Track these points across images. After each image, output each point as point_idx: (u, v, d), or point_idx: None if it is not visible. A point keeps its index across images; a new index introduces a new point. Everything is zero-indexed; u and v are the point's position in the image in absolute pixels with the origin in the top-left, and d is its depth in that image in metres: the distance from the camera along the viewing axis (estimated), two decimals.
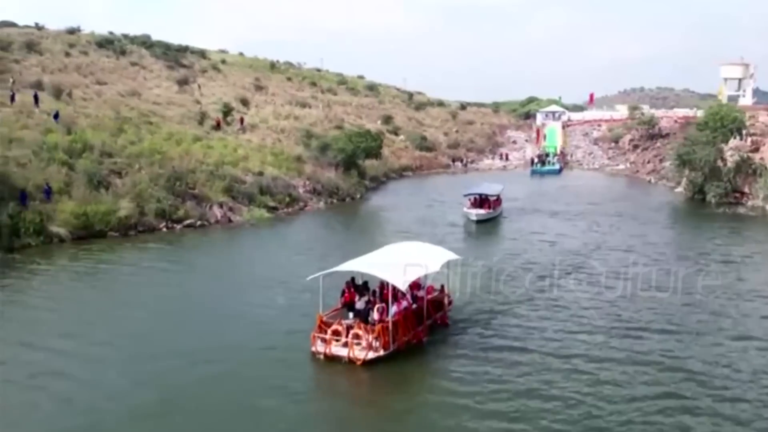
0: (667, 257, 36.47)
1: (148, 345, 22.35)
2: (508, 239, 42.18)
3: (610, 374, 20.15)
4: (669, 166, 70.20)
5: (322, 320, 21.78)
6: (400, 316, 21.79)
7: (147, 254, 36.75)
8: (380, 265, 22.61)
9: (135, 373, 19.99)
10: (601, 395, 18.70)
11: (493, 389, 19.08)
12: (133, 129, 53.81)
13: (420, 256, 24.07)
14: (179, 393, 18.78)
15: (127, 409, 17.79)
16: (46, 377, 19.76)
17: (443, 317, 24.68)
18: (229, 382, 19.38)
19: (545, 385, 19.38)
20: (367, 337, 20.94)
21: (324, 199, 55.14)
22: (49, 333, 23.48)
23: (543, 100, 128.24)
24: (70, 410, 17.83)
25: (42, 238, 37.19)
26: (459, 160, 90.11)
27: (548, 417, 17.45)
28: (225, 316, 25.54)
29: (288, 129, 70.60)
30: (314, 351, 21.31)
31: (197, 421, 17.41)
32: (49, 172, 41.24)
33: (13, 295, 28.23)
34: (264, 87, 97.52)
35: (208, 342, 22.61)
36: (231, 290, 29.38)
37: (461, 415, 17.55)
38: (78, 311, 26.51)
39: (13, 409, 17.98)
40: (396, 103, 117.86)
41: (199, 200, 45.43)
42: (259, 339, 22.83)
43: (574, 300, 27.99)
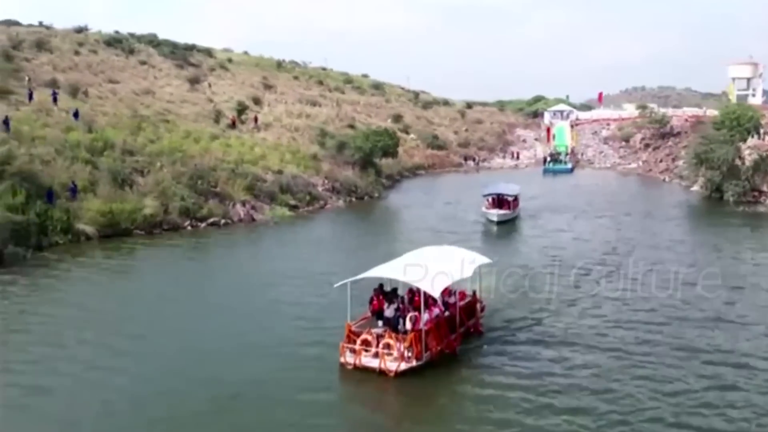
0: (695, 253, 36.69)
1: (174, 344, 22.38)
2: (532, 240, 41.38)
3: (664, 386, 19.12)
4: (683, 165, 70.23)
5: (351, 329, 20.80)
6: (432, 324, 20.75)
7: (174, 253, 36.80)
8: (410, 271, 21.39)
9: (166, 374, 20.00)
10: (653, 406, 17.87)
11: (533, 402, 18.10)
12: (150, 127, 53.88)
13: (451, 261, 23.16)
14: (197, 403, 18.02)
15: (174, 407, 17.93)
16: (102, 372, 19.84)
17: (476, 324, 23.64)
18: (254, 393, 18.59)
19: (587, 397, 18.41)
20: (398, 347, 19.89)
21: (343, 197, 55.15)
22: (94, 329, 23.44)
23: (550, 99, 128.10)
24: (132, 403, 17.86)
25: (69, 236, 37.13)
26: (471, 158, 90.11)
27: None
28: (252, 321, 24.78)
29: (302, 127, 70.55)
30: (343, 362, 20.25)
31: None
32: (73, 171, 41.23)
33: (51, 292, 28.30)
34: (272, 86, 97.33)
35: (233, 345, 22.12)
36: (258, 291, 28.64)
37: (498, 429, 16.75)
38: (113, 308, 26.47)
39: (85, 403, 18.16)
40: (402, 101, 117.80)
41: (222, 199, 45.39)
42: (286, 346, 22.02)
43: (609, 301, 27.33)
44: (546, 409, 17.68)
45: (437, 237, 38.71)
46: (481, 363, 21.07)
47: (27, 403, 17.98)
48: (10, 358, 20.94)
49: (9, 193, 36.23)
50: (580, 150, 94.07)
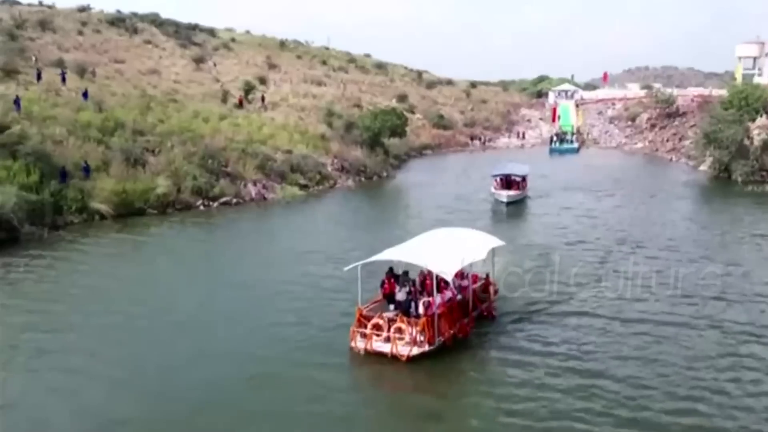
0: (710, 231, 37.07)
1: (179, 323, 22.44)
2: (542, 220, 40.75)
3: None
4: (690, 145, 70.19)
5: (362, 313, 20.32)
6: (444, 308, 20.36)
7: (187, 231, 36.99)
8: (422, 254, 20.95)
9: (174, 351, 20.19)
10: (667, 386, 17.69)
11: (548, 387, 17.68)
12: (159, 107, 53.81)
13: (463, 244, 22.75)
14: (208, 388, 17.69)
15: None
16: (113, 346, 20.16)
17: (489, 308, 23.06)
18: (261, 378, 18.21)
19: (604, 380, 18.00)
20: (410, 331, 19.42)
21: (352, 177, 55.17)
22: (113, 303, 23.72)
23: (554, 78, 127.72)
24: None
25: (84, 215, 37.25)
26: (477, 138, 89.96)
27: (609, 419, 16.16)
28: (262, 301, 24.52)
29: (308, 107, 70.38)
30: (353, 347, 19.85)
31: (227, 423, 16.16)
32: (85, 150, 41.20)
33: (70, 270, 28.53)
34: (276, 65, 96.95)
35: (240, 327, 21.92)
36: (271, 270, 28.55)
37: (511, 415, 16.37)
38: (129, 286, 26.72)
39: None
40: (406, 81, 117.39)
41: (233, 178, 45.44)
42: (294, 328, 21.75)
43: (624, 281, 26.86)
44: (561, 393, 17.32)
45: (447, 217, 39.25)
46: (495, 347, 20.57)
47: (69, 365, 18.68)
48: (41, 327, 21.26)
49: (23, 172, 36.27)
50: (585, 130, 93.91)
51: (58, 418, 16.15)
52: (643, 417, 16.19)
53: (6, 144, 37.21)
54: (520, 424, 15.96)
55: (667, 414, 16.32)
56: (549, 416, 16.22)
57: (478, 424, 16.20)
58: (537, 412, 16.44)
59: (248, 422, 16.08)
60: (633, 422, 15.95)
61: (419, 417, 16.71)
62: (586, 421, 15.98)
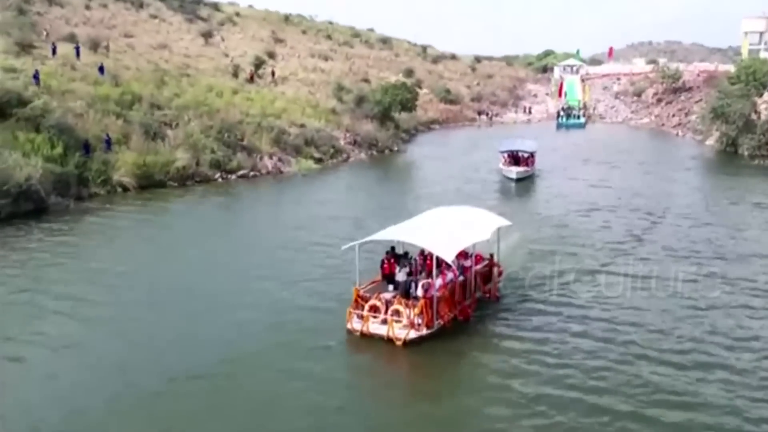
0: (720, 203, 38.13)
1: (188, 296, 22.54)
2: (552, 198, 39.76)
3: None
4: (696, 120, 70.85)
5: (359, 294, 19.59)
6: (445, 289, 19.43)
7: (208, 203, 37.84)
8: (423, 234, 20.27)
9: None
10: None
11: (551, 372, 17.00)
12: (173, 81, 54.29)
13: (467, 223, 21.84)
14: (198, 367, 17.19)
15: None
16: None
17: (493, 290, 22.11)
18: (253, 359, 17.67)
19: (610, 368, 17.18)
20: (408, 313, 18.64)
21: (365, 150, 55.96)
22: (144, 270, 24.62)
23: (559, 53, 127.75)
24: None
25: (107, 187, 38.05)
26: (484, 113, 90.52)
27: (612, 405, 15.48)
28: (269, 277, 24.13)
29: (317, 82, 70.89)
30: (350, 328, 19.12)
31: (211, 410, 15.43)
32: (105, 124, 41.83)
33: (99, 238, 29.53)
34: (282, 40, 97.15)
35: (241, 300, 21.80)
36: (285, 244, 28.47)
37: (513, 401, 15.69)
38: (153, 254, 27.63)
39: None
40: (411, 56, 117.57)
41: (249, 151, 46.17)
42: (293, 307, 21.20)
43: (637, 262, 26.05)
44: (565, 380, 16.55)
45: (457, 192, 40.19)
46: (497, 331, 19.73)
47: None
48: (76, 295, 22.10)
49: (47, 145, 36.94)
50: (591, 105, 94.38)
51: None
52: (644, 413, 15.23)
53: (29, 117, 37.83)
54: (517, 410, 15.31)
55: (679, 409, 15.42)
56: (548, 402, 15.57)
57: (473, 407, 15.59)
58: (536, 397, 15.79)
59: (222, 408, 15.47)
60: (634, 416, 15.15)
61: (413, 401, 16.22)
62: (587, 408, 15.33)
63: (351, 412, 15.59)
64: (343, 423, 15.02)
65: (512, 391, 16.08)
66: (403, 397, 16.67)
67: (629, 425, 14.64)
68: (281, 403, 15.68)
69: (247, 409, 15.34)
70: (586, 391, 16.03)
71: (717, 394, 15.89)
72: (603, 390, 16.11)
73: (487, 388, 16.37)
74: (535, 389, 16.12)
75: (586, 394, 15.89)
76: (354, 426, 15.02)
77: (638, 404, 15.47)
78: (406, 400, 16.46)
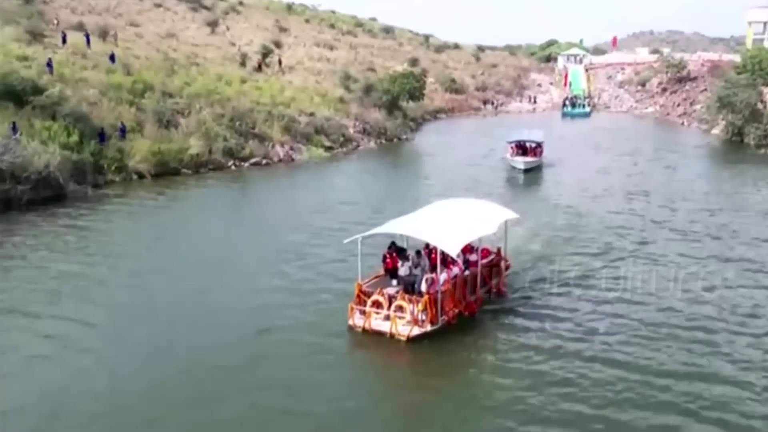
0: (732, 189, 38.85)
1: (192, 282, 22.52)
2: (561, 189, 38.89)
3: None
4: (701, 109, 71.18)
5: (361, 289, 19.03)
6: (449, 284, 18.79)
7: (223, 191, 38.24)
8: (428, 227, 19.67)
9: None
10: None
11: (559, 373, 16.24)
12: (183, 70, 54.53)
13: (473, 216, 21.17)
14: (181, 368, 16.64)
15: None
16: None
17: (500, 285, 21.39)
18: (250, 352, 17.28)
19: (624, 368, 16.47)
20: (411, 309, 18.10)
21: (374, 139, 56.34)
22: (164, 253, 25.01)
23: (562, 43, 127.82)
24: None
25: (123, 174, 38.40)
26: (489, 102, 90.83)
27: (624, 404, 14.92)
28: (280, 262, 24.22)
29: (324, 71, 71.13)
30: (351, 324, 18.56)
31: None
32: (119, 112, 42.12)
33: (120, 224, 30.01)
34: (286, 29, 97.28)
35: (244, 289, 21.64)
36: (297, 233, 28.14)
37: (521, 400, 15.10)
38: (171, 237, 27.99)
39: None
40: (414, 45, 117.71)
41: (261, 139, 46.52)
42: (295, 298, 20.77)
43: (649, 256, 25.36)
44: (577, 381, 15.89)
45: (465, 181, 40.48)
46: (503, 327, 19.04)
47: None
48: (104, 278, 22.54)
49: (63, 133, 37.23)
50: (595, 94, 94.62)
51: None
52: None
53: (45, 105, 38.10)
54: (526, 408, 14.78)
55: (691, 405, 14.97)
56: (559, 402, 15.00)
57: (479, 405, 15.10)
58: (545, 396, 15.19)
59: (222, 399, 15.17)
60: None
61: (413, 400, 15.62)
62: (600, 412, 14.69)
63: (349, 407, 15.00)
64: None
65: (520, 389, 15.51)
66: (404, 395, 15.91)
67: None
68: (276, 395, 15.41)
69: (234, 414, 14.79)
70: (599, 393, 15.34)
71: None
72: (619, 395, 15.29)
73: (494, 387, 15.78)
74: (545, 388, 15.50)
75: (600, 397, 15.19)
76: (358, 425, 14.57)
77: (660, 415, 14.50)
78: (407, 399, 15.73)
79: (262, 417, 14.59)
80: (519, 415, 14.54)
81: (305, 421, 14.42)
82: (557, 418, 14.45)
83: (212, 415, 14.55)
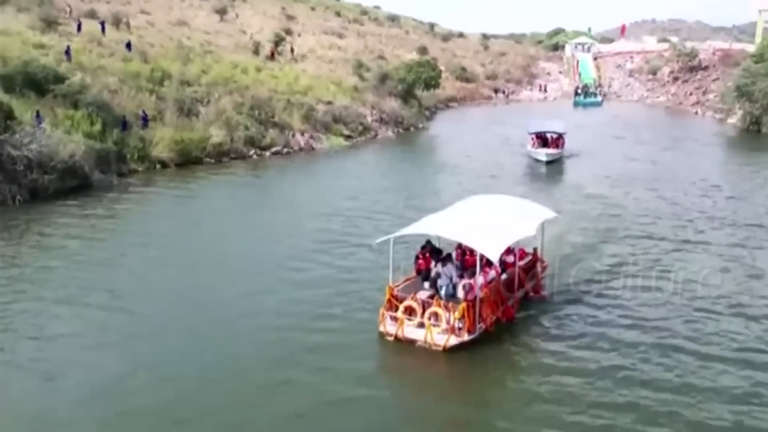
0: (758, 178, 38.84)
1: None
2: (588, 183, 36.84)
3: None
4: (715, 98, 70.98)
5: (393, 293, 17.67)
6: (487, 289, 17.55)
7: (247, 179, 38.01)
8: (465, 228, 18.35)
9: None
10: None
11: (609, 382, 15.10)
12: (198, 59, 54.07)
13: (511, 215, 19.93)
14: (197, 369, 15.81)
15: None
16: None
17: (537, 287, 20.32)
18: (267, 361, 16.06)
19: (670, 372, 15.38)
20: (448, 317, 16.85)
21: (391, 128, 56.03)
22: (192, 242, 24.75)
23: (570, 32, 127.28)
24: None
25: (146, 163, 38.09)
26: (501, 91, 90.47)
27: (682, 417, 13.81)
28: (302, 259, 23.04)
29: (335, 59, 70.66)
30: (383, 331, 17.29)
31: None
32: (139, 100, 41.75)
33: (150, 211, 29.82)
34: (293, 17, 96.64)
35: (262, 288, 20.48)
36: (321, 224, 27.58)
37: (569, 411, 14.06)
38: (198, 227, 27.52)
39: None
40: (420, 34, 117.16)
41: (281, 128, 46.20)
42: (319, 303, 19.36)
43: (693, 251, 24.34)
44: (624, 389, 14.79)
45: (489, 168, 40.35)
46: (544, 333, 17.84)
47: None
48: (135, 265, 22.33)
49: (86, 121, 36.87)
50: (606, 83, 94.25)
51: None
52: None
53: (67, 94, 37.70)
54: (573, 420, 13.81)
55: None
56: (605, 412, 14.01)
57: (522, 416, 14.11)
58: (590, 404, 14.29)
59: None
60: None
61: (456, 415, 14.48)
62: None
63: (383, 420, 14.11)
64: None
65: (566, 399, 14.45)
66: (443, 411, 14.53)
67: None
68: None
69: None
70: (651, 402, 14.30)
71: None
72: (670, 408, 14.16)
73: (538, 399, 14.61)
74: (590, 397, 14.55)
75: (652, 407, 14.11)
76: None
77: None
78: (447, 415, 14.40)
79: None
80: (571, 428, 13.50)
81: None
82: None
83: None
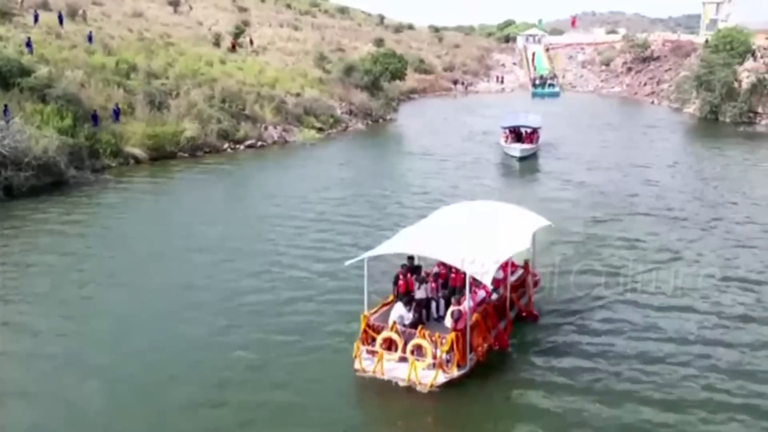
0: (732, 165, 40.06)
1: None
2: (567, 181, 34.88)
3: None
4: (669, 88, 72.76)
5: (368, 323, 15.18)
6: (477, 313, 15.20)
7: (222, 173, 37.14)
8: (449, 244, 15.82)
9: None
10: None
11: (616, 415, 13.57)
12: (161, 51, 52.59)
13: (500, 227, 17.30)
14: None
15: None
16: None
17: (530, 305, 17.78)
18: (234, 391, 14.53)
19: (692, 404, 13.93)
20: (434, 350, 14.43)
21: (361, 120, 55.65)
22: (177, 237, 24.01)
23: (520, 23, 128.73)
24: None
25: (119, 159, 36.88)
26: (460, 83, 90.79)
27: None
28: (270, 262, 22.03)
29: (295, 51, 69.72)
30: (358, 368, 14.79)
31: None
32: (108, 94, 40.37)
33: (130, 209, 28.97)
34: (246, 9, 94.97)
35: (231, 295, 19.33)
36: (294, 221, 26.93)
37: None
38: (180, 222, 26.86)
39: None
40: (372, 26, 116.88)
41: (253, 121, 45.40)
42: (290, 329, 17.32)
43: (696, 257, 22.72)
44: (634, 422, 13.36)
45: (460, 166, 39.49)
46: (540, 362, 15.59)
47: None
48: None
49: (56, 116, 35.43)
50: (560, 74, 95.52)
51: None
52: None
53: (34, 87, 36.17)
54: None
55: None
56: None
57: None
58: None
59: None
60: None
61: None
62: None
63: None
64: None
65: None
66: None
67: None
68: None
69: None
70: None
71: None
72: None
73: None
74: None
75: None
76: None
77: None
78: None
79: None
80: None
81: None
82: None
83: None
